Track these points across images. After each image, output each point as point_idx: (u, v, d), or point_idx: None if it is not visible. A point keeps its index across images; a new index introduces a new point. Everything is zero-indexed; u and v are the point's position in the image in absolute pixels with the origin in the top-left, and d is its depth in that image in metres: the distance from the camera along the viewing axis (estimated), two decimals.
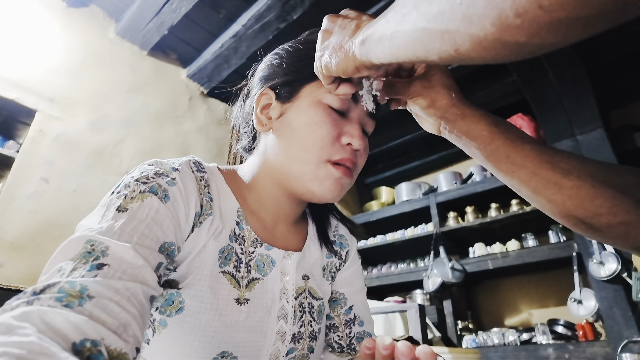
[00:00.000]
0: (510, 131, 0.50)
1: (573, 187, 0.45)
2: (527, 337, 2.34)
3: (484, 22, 0.28)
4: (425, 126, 0.58)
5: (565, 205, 0.46)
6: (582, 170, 0.46)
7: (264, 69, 0.67)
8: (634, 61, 2.36)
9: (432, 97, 0.53)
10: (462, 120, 0.52)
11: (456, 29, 0.30)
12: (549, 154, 0.47)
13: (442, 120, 0.53)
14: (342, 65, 0.47)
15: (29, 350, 0.26)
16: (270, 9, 2.25)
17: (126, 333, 0.36)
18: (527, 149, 0.48)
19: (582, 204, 0.45)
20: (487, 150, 0.50)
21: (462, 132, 0.52)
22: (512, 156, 0.48)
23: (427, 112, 0.54)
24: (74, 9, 2.40)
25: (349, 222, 0.80)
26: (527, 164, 0.47)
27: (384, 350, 0.38)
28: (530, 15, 0.25)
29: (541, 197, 0.48)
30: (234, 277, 0.57)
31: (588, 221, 0.46)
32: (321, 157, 0.57)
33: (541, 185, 0.47)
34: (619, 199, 0.44)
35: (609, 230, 0.45)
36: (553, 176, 0.46)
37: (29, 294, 0.34)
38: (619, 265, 1.92)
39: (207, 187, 0.58)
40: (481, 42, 0.29)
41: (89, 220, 0.46)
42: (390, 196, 3.60)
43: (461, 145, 0.53)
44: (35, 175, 1.99)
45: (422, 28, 0.33)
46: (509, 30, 0.27)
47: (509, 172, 0.49)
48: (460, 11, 0.29)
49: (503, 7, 0.26)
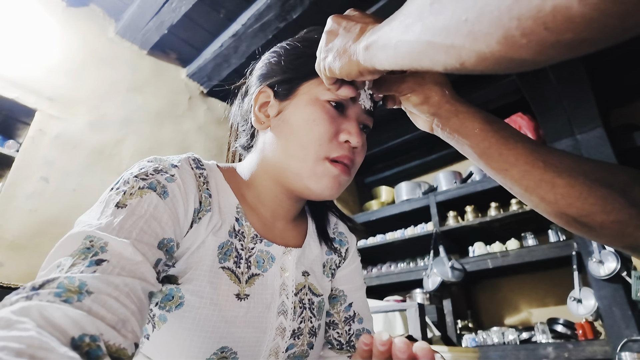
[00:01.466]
0: (504, 129, 0.50)
1: (566, 186, 0.45)
2: (526, 336, 2.34)
3: (489, 41, 0.28)
4: (418, 123, 0.58)
5: (558, 203, 0.46)
6: (575, 168, 0.46)
7: (262, 67, 0.68)
8: (634, 60, 2.36)
9: (426, 94, 0.53)
10: (456, 117, 0.52)
11: (461, 45, 0.30)
12: (542, 153, 0.47)
13: (435, 117, 0.53)
14: (345, 69, 0.47)
15: (28, 344, 0.26)
16: (270, 8, 2.25)
17: (125, 328, 0.36)
18: (519, 147, 0.48)
19: (575, 203, 0.45)
20: (479, 148, 0.50)
21: (455, 130, 0.52)
22: (504, 154, 0.48)
23: (420, 109, 0.54)
24: (74, 8, 2.40)
25: (348, 220, 0.80)
26: (519, 162, 0.47)
27: (381, 347, 0.39)
28: (536, 36, 0.25)
29: (534, 196, 0.48)
30: (234, 273, 0.57)
31: (581, 220, 0.46)
32: (319, 155, 0.58)
33: (534, 183, 0.47)
34: (613, 197, 0.44)
35: (602, 229, 0.45)
36: (545, 174, 0.46)
37: (28, 289, 0.34)
38: (619, 264, 1.92)
39: (206, 183, 0.58)
40: (487, 58, 0.29)
41: (88, 216, 0.46)
42: (390, 195, 3.60)
43: (454, 143, 0.53)
44: (35, 174, 2.00)
45: (427, 41, 0.33)
46: (515, 48, 0.27)
47: (502, 170, 0.49)
48: (466, 28, 0.29)
49: (509, 26, 0.26)
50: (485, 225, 2.66)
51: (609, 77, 2.45)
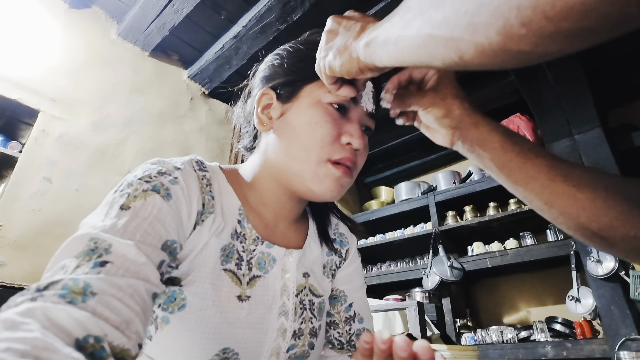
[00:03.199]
0: (524, 143, 0.50)
1: (587, 199, 0.45)
2: (525, 335, 2.34)
3: (488, 31, 0.28)
4: (437, 139, 0.57)
5: (579, 217, 0.46)
6: (596, 182, 0.45)
7: (265, 69, 0.68)
8: (632, 61, 2.36)
9: (447, 107, 0.53)
10: (476, 129, 0.51)
11: (460, 37, 0.30)
12: (562, 167, 0.47)
13: (457, 130, 0.53)
14: (346, 66, 0.48)
15: (33, 345, 0.26)
16: (271, 10, 2.26)
17: (129, 329, 0.36)
18: (540, 160, 0.48)
19: (596, 216, 0.44)
20: (500, 161, 0.50)
21: (476, 143, 0.51)
22: (525, 167, 0.48)
23: (442, 123, 0.54)
24: (76, 10, 2.41)
25: (348, 221, 0.80)
26: (540, 175, 0.47)
27: (382, 345, 0.39)
28: (535, 25, 0.25)
29: (554, 209, 0.47)
30: (236, 275, 0.58)
31: (602, 234, 0.45)
32: (321, 157, 0.58)
33: (555, 197, 0.47)
34: (634, 211, 0.43)
35: (623, 243, 0.45)
36: (567, 188, 0.46)
37: (32, 290, 0.34)
38: (617, 263, 1.92)
39: (209, 185, 0.58)
40: (485, 50, 0.29)
41: (92, 218, 0.46)
42: (389, 195, 3.60)
43: (474, 157, 0.53)
44: (38, 174, 2.01)
45: (427, 34, 0.33)
46: (514, 39, 0.27)
47: (523, 184, 0.49)
48: (465, 19, 0.29)
49: (508, 16, 0.26)
50: (484, 224, 2.66)
51: (607, 78, 2.46)
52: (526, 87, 2.29)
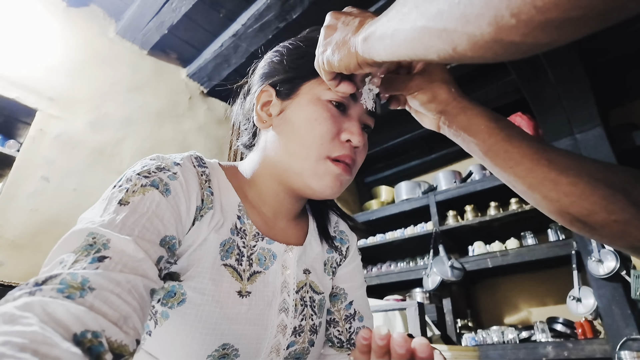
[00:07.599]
0: (509, 127, 0.50)
1: (569, 184, 0.45)
2: (526, 335, 2.34)
3: (480, 22, 0.28)
4: (424, 122, 0.58)
5: (560, 202, 0.46)
6: (579, 168, 0.46)
7: (264, 66, 0.68)
8: (633, 60, 2.36)
9: (433, 92, 0.54)
10: (463, 114, 0.52)
11: (454, 28, 0.31)
12: (546, 151, 0.48)
13: (442, 114, 0.54)
14: (344, 61, 0.48)
15: (31, 339, 0.26)
16: (270, 8, 2.25)
17: (126, 325, 0.36)
18: (525, 145, 0.48)
19: (578, 201, 0.45)
20: (485, 145, 0.50)
21: (462, 127, 0.52)
22: (510, 152, 0.48)
23: (428, 107, 0.54)
24: (74, 8, 2.40)
25: (348, 219, 0.80)
26: (524, 160, 0.48)
27: (380, 341, 0.39)
28: (524, 15, 0.26)
29: (537, 193, 0.48)
30: (236, 270, 0.58)
31: (583, 219, 0.46)
32: (320, 154, 0.58)
33: (537, 181, 0.47)
34: (615, 197, 0.44)
35: (604, 229, 0.45)
36: (549, 173, 0.46)
37: (31, 284, 0.34)
38: (618, 263, 1.92)
39: (208, 181, 0.58)
40: (478, 42, 0.30)
41: (90, 213, 0.46)
42: (390, 195, 3.60)
43: (459, 141, 0.54)
44: (35, 174, 2.00)
45: (422, 27, 0.34)
46: (505, 30, 0.27)
47: (506, 168, 0.49)
48: (458, 11, 0.30)
49: (499, 7, 0.27)
50: (485, 224, 2.66)
51: (608, 77, 2.46)
52: (527, 86, 2.29)
